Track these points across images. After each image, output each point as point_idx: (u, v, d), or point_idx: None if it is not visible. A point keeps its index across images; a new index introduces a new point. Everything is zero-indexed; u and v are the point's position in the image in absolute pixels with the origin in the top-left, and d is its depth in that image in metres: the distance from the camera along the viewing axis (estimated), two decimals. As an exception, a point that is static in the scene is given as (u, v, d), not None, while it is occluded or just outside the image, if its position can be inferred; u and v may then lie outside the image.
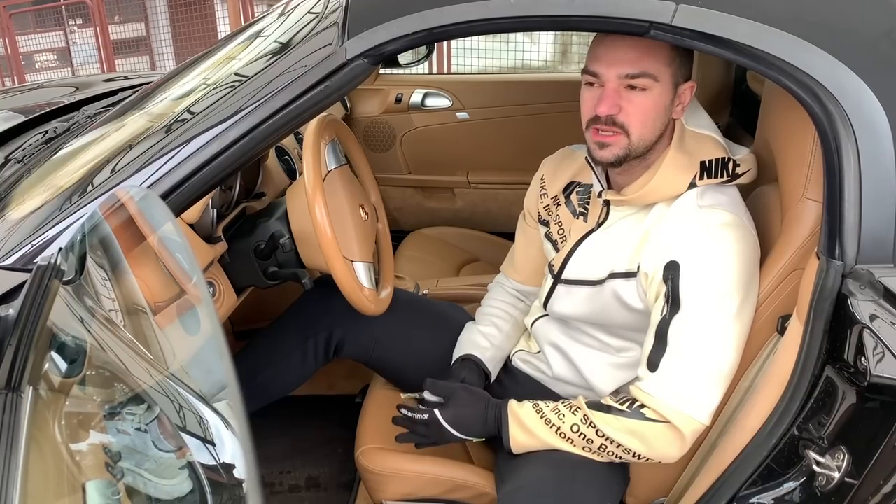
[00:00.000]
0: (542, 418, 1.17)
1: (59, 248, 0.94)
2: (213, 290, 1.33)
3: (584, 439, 1.14)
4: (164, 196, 1.03)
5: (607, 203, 1.22)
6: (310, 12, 1.19)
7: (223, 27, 7.08)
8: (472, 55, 4.59)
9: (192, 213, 1.23)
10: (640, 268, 1.14)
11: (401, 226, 2.72)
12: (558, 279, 1.28)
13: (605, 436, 1.12)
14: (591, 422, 1.13)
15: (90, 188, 1.10)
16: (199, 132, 1.06)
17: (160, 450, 0.74)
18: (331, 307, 1.47)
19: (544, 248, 1.38)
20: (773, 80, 0.95)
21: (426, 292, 1.90)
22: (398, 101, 2.65)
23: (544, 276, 1.36)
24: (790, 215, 1.10)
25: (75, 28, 8.78)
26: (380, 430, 1.40)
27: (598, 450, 1.14)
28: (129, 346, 0.81)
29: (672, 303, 1.08)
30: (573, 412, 1.16)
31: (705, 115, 1.18)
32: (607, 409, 1.13)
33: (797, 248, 1.07)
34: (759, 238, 1.13)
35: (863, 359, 0.86)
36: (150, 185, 1.04)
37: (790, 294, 1.07)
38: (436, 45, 3.60)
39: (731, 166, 1.13)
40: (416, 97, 2.64)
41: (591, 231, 1.25)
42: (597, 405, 1.15)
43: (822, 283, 0.94)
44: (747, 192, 1.26)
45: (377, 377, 1.58)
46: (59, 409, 0.75)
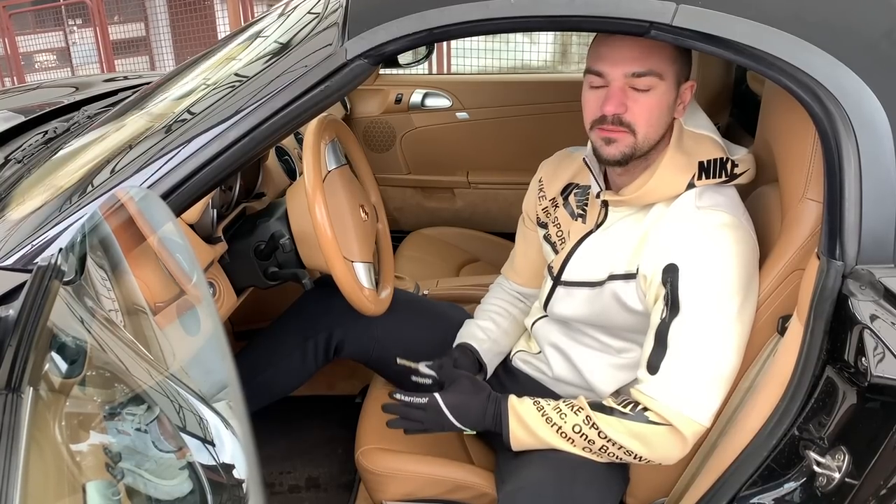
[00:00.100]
0: (543, 416, 1.17)
1: (60, 249, 0.94)
2: (213, 290, 1.33)
3: (585, 440, 1.14)
4: (165, 196, 1.03)
5: (605, 204, 1.22)
6: (310, 12, 1.19)
7: (223, 27, 7.07)
8: (471, 55, 4.59)
9: (193, 213, 1.23)
10: (639, 269, 1.13)
11: (401, 226, 2.72)
12: (558, 281, 1.28)
13: (607, 437, 1.12)
14: (593, 423, 1.12)
15: (90, 188, 1.10)
16: (199, 132, 1.06)
17: (160, 450, 0.74)
18: (331, 307, 1.47)
19: (543, 250, 1.38)
20: (773, 80, 0.95)
21: (426, 292, 1.90)
22: (398, 101, 2.65)
23: (544, 278, 1.36)
24: (790, 215, 1.10)
25: (75, 28, 8.78)
26: (380, 431, 1.40)
27: (599, 451, 1.14)
28: (130, 346, 0.81)
29: (671, 305, 1.08)
30: (575, 412, 1.15)
31: (703, 115, 1.18)
32: (610, 410, 1.12)
33: (797, 249, 1.07)
34: (760, 238, 1.13)
35: (863, 359, 0.86)
36: (150, 186, 1.04)
37: (790, 294, 1.07)
38: (435, 45, 3.60)
39: (729, 166, 1.13)
40: (415, 97, 2.64)
41: (590, 232, 1.25)
42: (599, 406, 1.14)
43: (822, 284, 0.94)
44: (747, 192, 1.26)
45: (377, 377, 1.58)
46: (59, 410, 0.75)
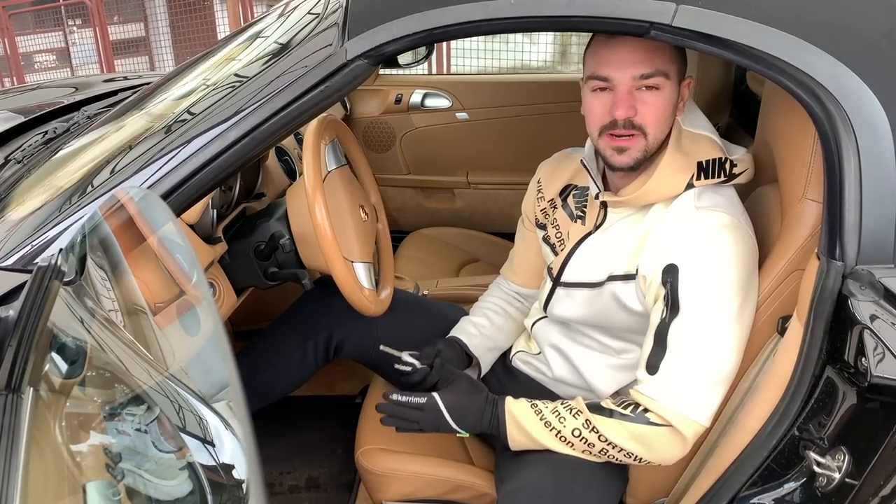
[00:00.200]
0: (541, 420, 1.16)
1: (60, 249, 0.94)
2: (212, 290, 1.33)
3: (585, 443, 1.13)
4: (165, 197, 1.03)
5: (604, 205, 1.22)
6: (310, 13, 1.18)
7: (223, 28, 7.07)
8: (471, 55, 4.59)
9: (192, 213, 1.23)
10: (638, 270, 1.13)
11: (400, 226, 2.72)
12: (557, 282, 1.28)
13: (607, 440, 1.11)
14: (593, 426, 1.12)
15: (90, 189, 1.10)
16: (199, 133, 1.06)
17: (160, 450, 0.73)
18: (331, 308, 1.47)
19: (542, 251, 1.38)
20: (773, 80, 0.95)
21: (426, 293, 1.90)
22: (398, 101, 2.65)
23: (543, 280, 1.36)
24: (790, 216, 1.10)
25: (74, 28, 8.78)
26: (380, 431, 1.39)
27: (599, 453, 1.13)
28: (130, 346, 0.81)
29: (671, 306, 1.08)
30: (574, 416, 1.14)
31: (702, 115, 1.18)
32: (609, 413, 1.12)
33: (797, 249, 1.07)
34: (759, 239, 1.13)
35: (863, 359, 0.86)
36: (150, 186, 1.04)
37: (790, 295, 1.07)
38: (435, 45, 3.60)
39: (728, 166, 1.13)
40: (415, 97, 2.64)
41: (589, 234, 1.25)
42: (598, 408, 1.13)
43: (822, 284, 0.94)
44: (747, 192, 1.26)
45: (377, 378, 1.58)
46: (59, 410, 0.75)
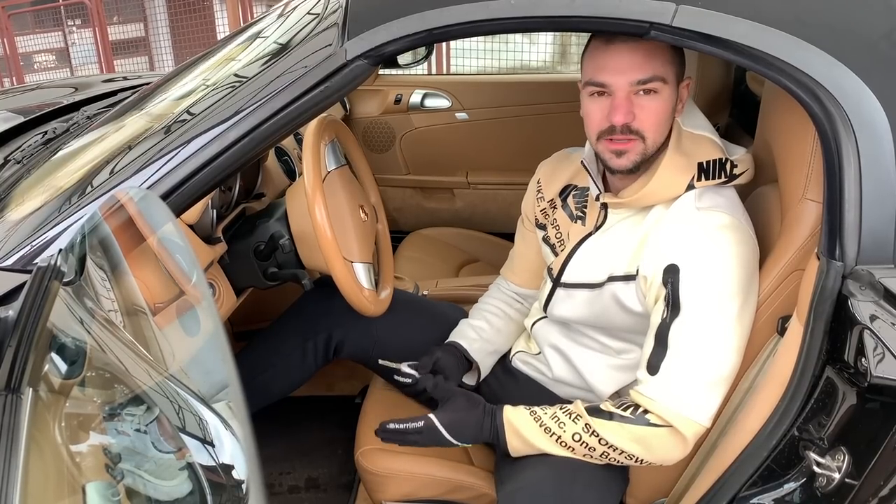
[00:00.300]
0: (540, 427, 1.15)
1: (59, 249, 0.94)
2: (212, 291, 1.32)
3: (585, 447, 1.13)
4: (164, 197, 1.03)
5: (605, 206, 1.22)
6: (309, 13, 1.18)
7: (222, 28, 7.07)
8: (470, 55, 4.59)
9: (192, 213, 1.23)
10: (639, 271, 1.13)
11: (400, 226, 2.72)
12: (557, 283, 1.28)
13: (608, 444, 1.11)
14: (593, 430, 1.11)
15: (90, 189, 1.09)
16: (198, 133, 1.06)
17: (160, 451, 0.73)
18: (330, 308, 1.47)
19: (542, 252, 1.38)
20: (773, 80, 0.95)
21: (426, 293, 1.90)
22: (397, 101, 2.65)
23: (543, 280, 1.36)
24: (790, 216, 1.10)
25: (74, 28, 8.78)
26: (379, 431, 1.40)
27: (600, 456, 1.13)
28: (130, 347, 0.81)
29: (672, 306, 1.08)
30: (574, 420, 1.14)
31: (701, 115, 1.18)
32: (609, 415, 1.11)
33: (797, 249, 1.07)
34: (759, 239, 1.13)
35: (863, 359, 0.86)
36: (150, 186, 1.04)
37: (790, 295, 1.07)
38: (435, 45, 3.60)
39: (728, 167, 1.13)
40: (415, 98, 2.64)
41: (589, 234, 1.25)
42: (597, 412, 1.13)
43: (822, 284, 0.94)
44: (747, 192, 1.26)
45: (377, 378, 1.58)
46: (59, 411, 0.75)
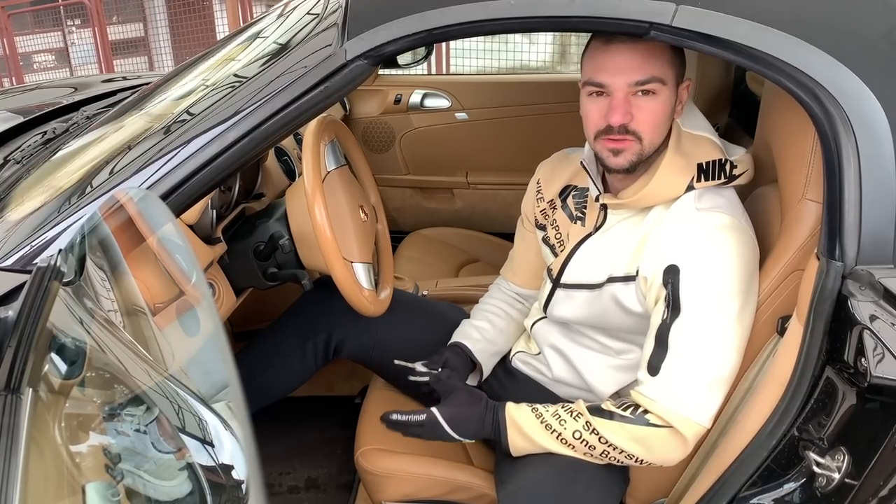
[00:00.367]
0: (542, 423, 1.16)
1: (59, 250, 0.94)
2: (212, 291, 1.32)
3: (586, 445, 1.13)
4: (164, 197, 1.03)
5: (604, 207, 1.22)
6: (309, 13, 1.18)
7: (222, 28, 7.07)
8: (470, 56, 4.59)
9: (192, 214, 1.23)
10: (639, 272, 1.13)
11: (400, 226, 2.72)
12: (557, 283, 1.28)
13: (608, 442, 1.11)
14: (594, 428, 1.12)
15: (89, 189, 1.09)
16: (198, 133, 1.06)
17: (160, 451, 0.73)
18: (330, 308, 1.47)
19: (542, 252, 1.38)
20: (773, 80, 0.95)
21: (425, 293, 1.90)
22: (397, 101, 2.65)
23: (543, 280, 1.36)
24: (790, 216, 1.10)
25: (73, 28, 8.78)
26: (379, 432, 1.39)
27: (600, 455, 1.13)
28: (129, 347, 0.81)
29: (672, 307, 1.08)
30: (575, 418, 1.14)
31: (701, 116, 1.18)
32: (609, 415, 1.12)
33: (797, 249, 1.07)
34: (759, 239, 1.13)
35: (863, 360, 0.86)
36: (150, 187, 1.04)
37: (790, 295, 1.07)
38: (434, 45, 3.60)
39: (728, 168, 1.13)
40: (415, 98, 2.64)
41: (589, 235, 1.25)
42: (598, 411, 1.13)
43: (822, 284, 0.94)
44: (746, 192, 1.26)
45: (377, 378, 1.58)
46: (58, 411, 0.75)
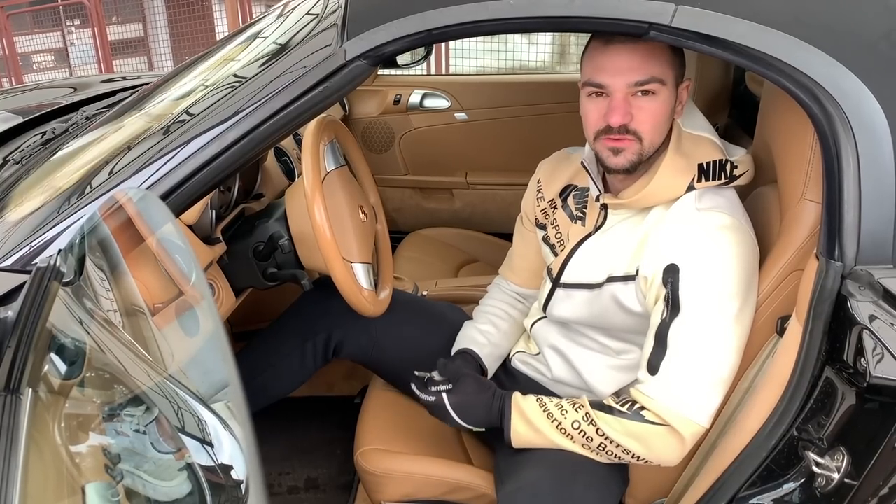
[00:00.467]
0: (544, 412, 1.17)
1: (59, 250, 0.94)
2: (211, 291, 1.32)
3: (583, 436, 1.14)
4: (163, 197, 1.03)
5: (605, 207, 1.22)
6: (309, 13, 1.18)
7: (221, 28, 7.07)
8: (469, 56, 4.59)
9: (191, 214, 1.23)
10: (638, 271, 1.13)
11: (399, 227, 2.72)
12: (557, 283, 1.28)
13: (604, 435, 1.12)
14: (592, 420, 1.13)
15: (89, 189, 1.09)
16: (197, 133, 1.06)
17: (159, 451, 0.73)
18: (330, 308, 1.47)
19: (542, 251, 1.38)
20: (772, 81, 0.95)
21: (425, 293, 1.90)
22: (397, 101, 2.65)
23: (543, 280, 1.36)
24: (789, 216, 1.10)
25: (73, 29, 8.77)
26: (379, 432, 1.40)
27: (598, 448, 1.14)
28: (129, 347, 0.81)
29: (672, 306, 1.08)
30: (576, 409, 1.16)
31: (701, 116, 1.18)
32: (609, 409, 1.13)
33: (796, 249, 1.07)
34: (759, 239, 1.13)
35: (862, 360, 0.86)
36: (149, 187, 1.04)
37: (789, 295, 1.07)
38: (434, 45, 3.60)
39: (728, 168, 1.13)
40: (414, 98, 2.64)
41: (589, 235, 1.25)
42: (599, 405, 1.15)
43: (821, 284, 0.94)
44: (746, 193, 1.26)
45: (376, 378, 1.58)
46: (58, 411, 0.75)
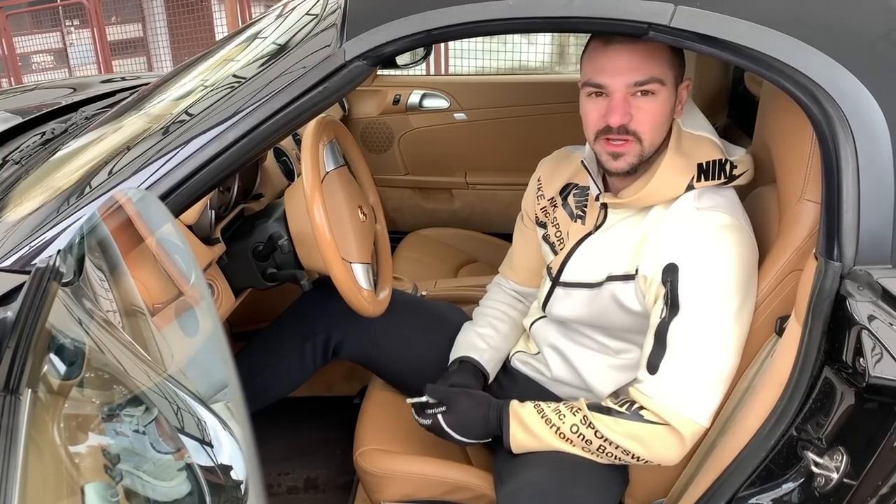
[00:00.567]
0: (542, 418, 1.17)
1: (58, 250, 0.94)
2: (211, 291, 1.32)
3: (582, 440, 1.14)
4: (163, 198, 1.03)
5: (605, 206, 1.23)
6: (308, 13, 1.18)
7: (221, 28, 7.06)
8: (469, 56, 4.59)
9: (191, 214, 1.23)
10: (638, 270, 1.14)
11: (399, 227, 2.72)
12: (556, 282, 1.28)
13: (604, 437, 1.12)
14: (590, 423, 1.13)
15: (88, 190, 1.09)
16: (197, 133, 1.05)
17: (159, 452, 0.73)
18: (329, 308, 1.47)
19: (542, 250, 1.38)
20: (771, 81, 0.95)
21: (424, 293, 1.90)
22: (396, 102, 2.64)
23: (542, 279, 1.36)
24: (788, 216, 1.10)
25: (72, 29, 8.77)
26: (378, 432, 1.40)
27: (598, 451, 1.14)
28: (128, 348, 0.81)
29: (671, 305, 1.08)
30: (573, 413, 1.16)
31: (701, 116, 1.18)
32: (607, 410, 1.13)
33: (795, 249, 1.07)
34: (758, 239, 1.13)
35: (861, 360, 0.86)
36: (149, 187, 1.04)
37: (788, 295, 1.07)
38: (433, 46, 3.60)
39: (728, 168, 1.14)
40: (413, 98, 2.64)
41: (589, 234, 1.25)
42: (597, 407, 1.15)
43: (820, 284, 0.94)
44: (745, 193, 1.26)
45: (376, 378, 1.58)
46: (57, 412, 0.75)
